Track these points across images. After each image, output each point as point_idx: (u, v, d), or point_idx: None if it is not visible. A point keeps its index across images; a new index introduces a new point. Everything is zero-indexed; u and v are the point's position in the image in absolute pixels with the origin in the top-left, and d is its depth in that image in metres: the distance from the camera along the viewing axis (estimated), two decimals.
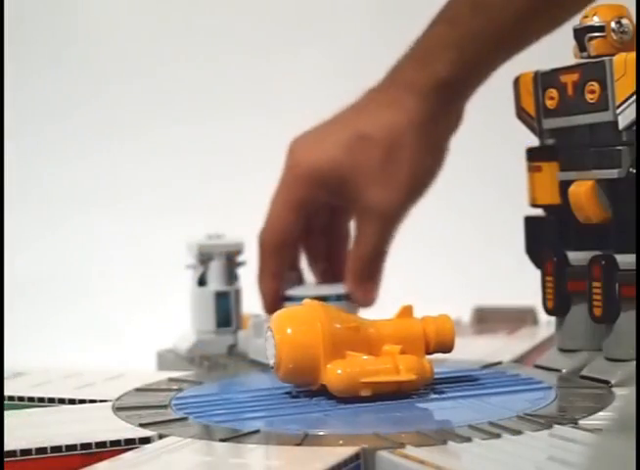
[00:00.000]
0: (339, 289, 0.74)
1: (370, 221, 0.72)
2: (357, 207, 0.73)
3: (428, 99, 0.71)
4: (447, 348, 0.59)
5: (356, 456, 0.46)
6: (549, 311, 0.65)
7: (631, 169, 0.59)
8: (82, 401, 0.60)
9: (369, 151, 0.72)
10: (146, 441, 0.49)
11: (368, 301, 0.75)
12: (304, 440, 0.48)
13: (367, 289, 0.74)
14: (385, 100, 0.73)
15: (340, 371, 0.55)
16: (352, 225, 0.77)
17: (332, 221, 0.77)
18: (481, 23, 0.69)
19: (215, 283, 0.77)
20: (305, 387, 0.58)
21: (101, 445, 0.49)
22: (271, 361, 0.57)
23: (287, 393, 0.59)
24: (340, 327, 0.57)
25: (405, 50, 0.73)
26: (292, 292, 0.75)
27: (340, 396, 0.56)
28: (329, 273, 0.78)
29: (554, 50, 0.71)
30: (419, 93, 0.71)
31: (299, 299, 0.72)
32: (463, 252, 1.33)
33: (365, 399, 0.55)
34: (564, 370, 0.63)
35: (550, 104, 0.63)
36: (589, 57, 0.60)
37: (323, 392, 0.57)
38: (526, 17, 0.69)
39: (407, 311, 0.59)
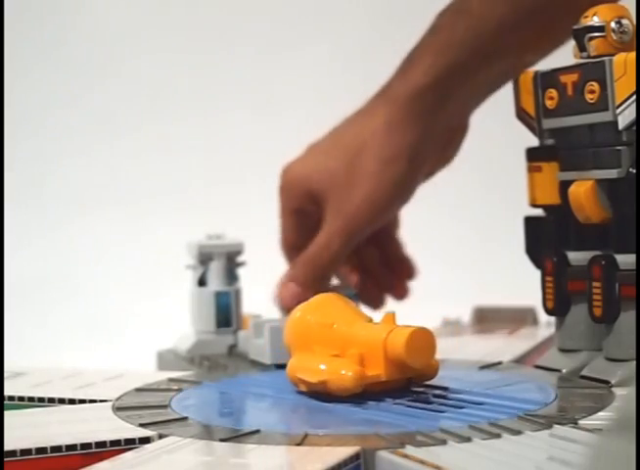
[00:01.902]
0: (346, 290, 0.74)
1: (327, 224, 0.71)
2: (324, 211, 0.72)
3: (401, 106, 0.70)
4: (402, 361, 0.55)
5: (356, 456, 0.46)
6: (549, 311, 0.65)
7: (631, 169, 0.59)
8: (82, 401, 0.60)
9: (337, 157, 0.72)
10: (146, 441, 0.49)
11: (285, 305, 0.71)
12: (304, 440, 0.48)
13: (289, 289, 0.72)
14: (362, 109, 0.74)
15: (291, 363, 0.59)
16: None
17: None
18: (462, 30, 0.69)
19: (215, 283, 0.77)
20: None
21: (101, 445, 0.49)
22: None
23: (287, 393, 0.59)
24: (313, 323, 0.59)
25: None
26: None
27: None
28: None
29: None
30: (392, 100, 0.70)
31: None
32: (463, 252, 1.33)
33: (364, 399, 0.55)
34: (564, 370, 0.63)
35: (550, 104, 0.63)
36: (589, 57, 0.60)
37: (323, 392, 0.57)
38: (509, 28, 0.68)
39: (389, 319, 0.59)
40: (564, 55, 0.64)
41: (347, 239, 0.71)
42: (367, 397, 0.56)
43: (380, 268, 0.77)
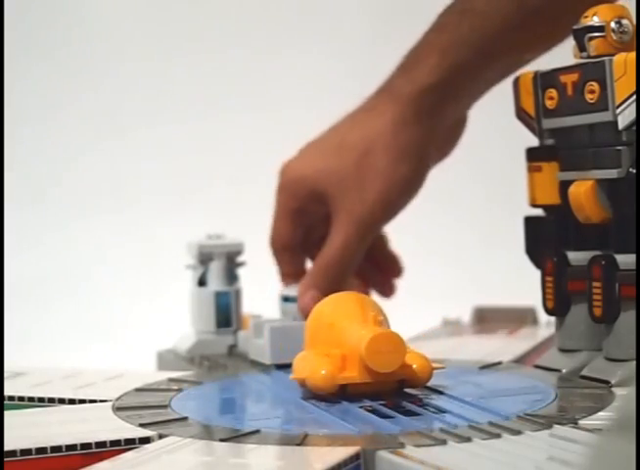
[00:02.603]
0: None
1: (341, 225, 0.71)
2: (333, 211, 0.72)
3: (407, 105, 0.70)
4: (371, 365, 0.55)
5: (356, 456, 0.46)
6: (549, 311, 0.65)
7: (631, 169, 0.59)
8: (82, 401, 0.60)
9: (345, 157, 0.72)
10: (146, 441, 0.49)
11: (304, 309, 0.70)
12: (304, 440, 0.48)
13: (311, 296, 0.70)
14: (366, 107, 0.73)
15: (295, 358, 0.59)
16: None
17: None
18: (467, 29, 0.69)
19: (215, 283, 0.77)
20: None
21: (101, 445, 0.49)
22: None
23: (287, 393, 0.59)
24: (321, 321, 0.60)
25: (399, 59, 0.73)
26: (287, 292, 0.75)
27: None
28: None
29: (554, 50, 0.71)
30: (399, 99, 0.70)
31: (294, 299, 0.72)
32: (463, 252, 1.33)
33: (363, 399, 0.55)
34: (564, 370, 0.63)
35: (550, 104, 0.63)
36: (589, 57, 0.60)
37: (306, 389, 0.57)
38: (513, 27, 0.68)
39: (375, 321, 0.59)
40: (564, 55, 0.64)
41: (363, 239, 0.72)
42: (366, 397, 0.56)
43: (366, 266, 0.77)
